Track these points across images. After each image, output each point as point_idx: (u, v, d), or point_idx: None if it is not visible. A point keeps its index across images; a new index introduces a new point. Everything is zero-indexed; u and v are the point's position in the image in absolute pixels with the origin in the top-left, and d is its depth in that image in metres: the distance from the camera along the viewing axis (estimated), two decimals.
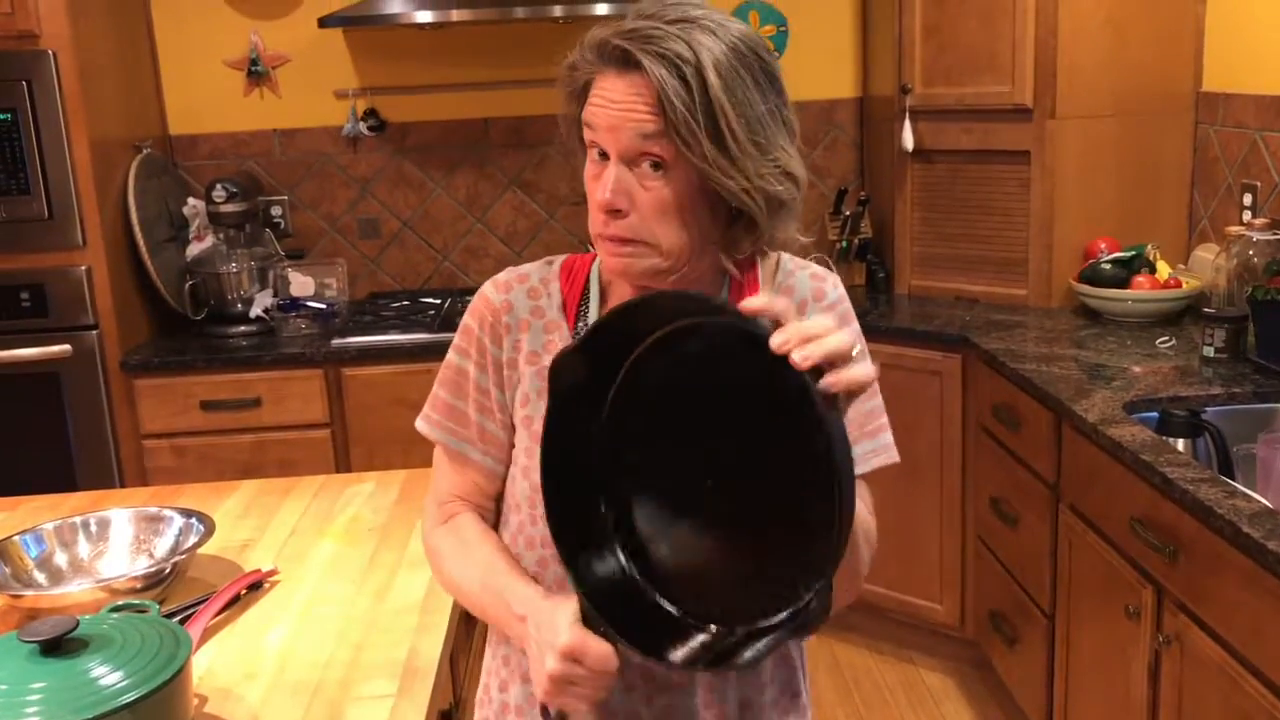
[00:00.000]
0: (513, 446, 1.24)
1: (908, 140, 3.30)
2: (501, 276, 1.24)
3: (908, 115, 3.29)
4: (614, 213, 1.09)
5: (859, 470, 1.15)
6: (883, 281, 3.55)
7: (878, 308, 3.37)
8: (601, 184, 1.09)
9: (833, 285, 1.24)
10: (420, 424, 1.27)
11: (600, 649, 1.01)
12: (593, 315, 1.20)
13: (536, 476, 1.08)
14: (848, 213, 3.61)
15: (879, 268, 3.56)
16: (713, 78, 1.03)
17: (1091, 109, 3.04)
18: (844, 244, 3.60)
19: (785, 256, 1.24)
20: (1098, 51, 3.01)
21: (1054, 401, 2.40)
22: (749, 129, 1.06)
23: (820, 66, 3.75)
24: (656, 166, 1.07)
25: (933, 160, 3.33)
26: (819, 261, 1.34)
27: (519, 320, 1.21)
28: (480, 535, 1.24)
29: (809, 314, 1.20)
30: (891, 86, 3.39)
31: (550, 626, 1.04)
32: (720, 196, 1.09)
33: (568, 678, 1.02)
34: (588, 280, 1.23)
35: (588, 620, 1.03)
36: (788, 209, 1.12)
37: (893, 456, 1.21)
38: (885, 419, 1.22)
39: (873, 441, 1.20)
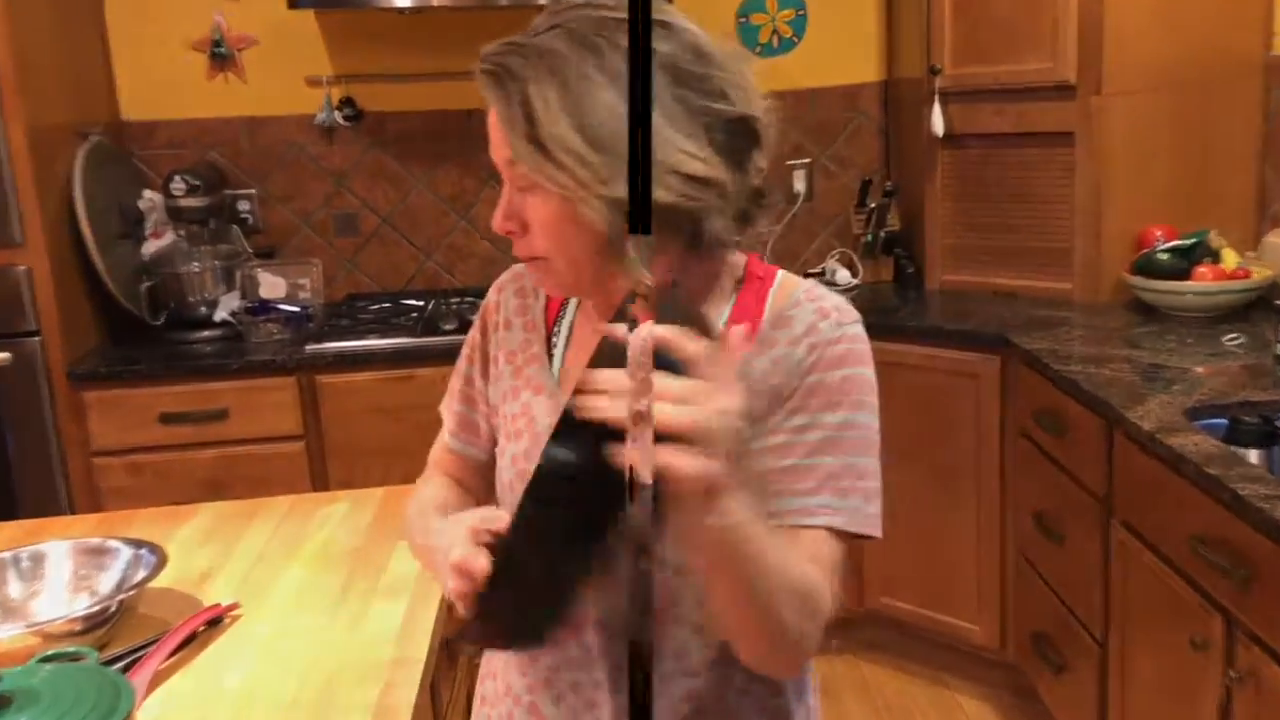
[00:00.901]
0: (495, 439, 1.32)
1: (938, 124, 3.28)
2: (504, 276, 1.35)
3: (937, 97, 3.26)
4: (512, 234, 1.14)
5: (805, 521, 1.09)
6: (912, 277, 3.54)
7: (907, 305, 3.37)
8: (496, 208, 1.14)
9: (834, 323, 1.15)
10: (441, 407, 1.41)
11: (480, 566, 0.99)
12: (568, 321, 1.27)
13: (509, 474, 1.21)
14: (873, 205, 3.61)
15: (908, 262, 3.56)
16: (533, 90, 1.02)
17: (1142, 82, 2.98)
18: (869, 238, 3.60)
19: (803, 284, 1.19)
20: (1149, 17, 2.95)
21: (1104, 407, 2.35)
22: (594, 137, 1.01)
23: (842, 49, 3.74)
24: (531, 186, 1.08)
25: (965, 145, 3.30)
26: (842, 259, 1.31)
27: (505, 319, 1.31)
28: (431, 500, 1.33)
29: (775, 352, 1.14)
30: (919, 68, 3.36)
31: (451, 545, 1.03)
32: None
33: (463, 593, 1.01)
34: None
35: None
36: (689, 214, 1.05)
37: (861, 525, 1.11)
38: (870, 482, 1.12)
39: (838, 499, 1.10)
